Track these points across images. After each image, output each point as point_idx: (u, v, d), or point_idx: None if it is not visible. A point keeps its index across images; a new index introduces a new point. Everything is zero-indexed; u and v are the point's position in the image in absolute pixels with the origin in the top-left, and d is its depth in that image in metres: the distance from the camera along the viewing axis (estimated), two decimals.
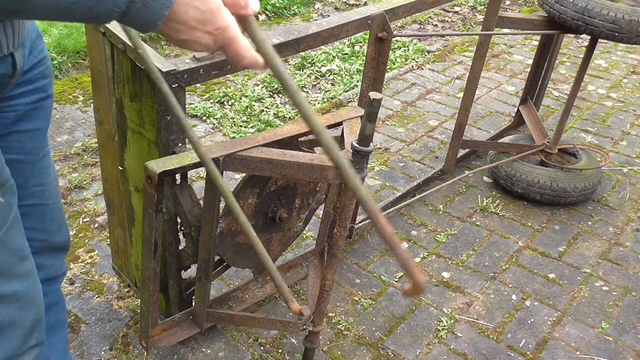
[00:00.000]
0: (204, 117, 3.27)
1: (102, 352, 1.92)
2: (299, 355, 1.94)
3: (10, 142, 1.21)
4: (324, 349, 1.98)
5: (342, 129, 1.72)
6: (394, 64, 4.04)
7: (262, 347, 1.97)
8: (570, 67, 4.19)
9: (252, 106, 3.39)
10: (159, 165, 1.40)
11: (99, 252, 2.31)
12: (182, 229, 1.71)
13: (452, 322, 2.12)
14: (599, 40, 2.53)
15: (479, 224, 2.62)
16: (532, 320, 2.16)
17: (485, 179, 2.92)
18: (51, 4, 0.69)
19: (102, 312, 2.06)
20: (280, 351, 1.97)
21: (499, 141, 3.09)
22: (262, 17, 4.72)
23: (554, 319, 2.17)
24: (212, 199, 1.52)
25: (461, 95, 2.74)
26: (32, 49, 1.17)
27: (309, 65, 3.97)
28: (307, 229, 2.45)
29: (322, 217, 1.98)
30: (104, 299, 2.11)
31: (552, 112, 3.58)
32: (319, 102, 3.53)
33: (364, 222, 2.45)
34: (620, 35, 2.29)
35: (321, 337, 2.00)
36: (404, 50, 4.24)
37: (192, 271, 1.89)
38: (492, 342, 2.06)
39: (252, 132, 3.15)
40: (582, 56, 2.67)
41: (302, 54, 4.01)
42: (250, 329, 2.03)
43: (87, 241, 2.36)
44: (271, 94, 3.59)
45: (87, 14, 0.71)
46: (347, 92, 3.63)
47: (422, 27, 4.83)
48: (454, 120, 3.06)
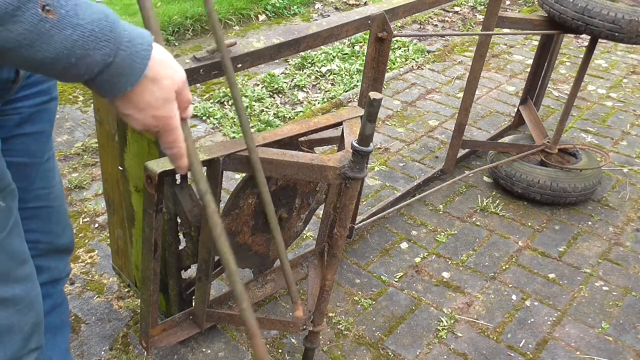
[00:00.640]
0: (204, 117, 3.27)
1: (102, 352, 1.92)
2: (299, 355, 1.94)
3: (14, 144, 1.21)
4: (324, 349, 1.98)
5: (342, 129, 1.72)
6: (394, 64, 4.04)
7: None
8: (570, 67, 4.19)
9: (252, 106, 3.39)
10: (159, 165, 1.40)
11: (99, 252, 2.31)
12: (182, 229, 1.71)
13: (452, 322, 2.12)
14: (599, 40, 2.53)
15: (479, 224, 2.62)
16: (532, 320, 2.16)
17: (485, 179, 2.92)
18: (27, 59, 0.72)
19: (102, 312, 2.06)
20: (280, 351, 1.97)
21: (499, 141, 3.09)
22: (262, 17, 4.72)
23: (554, 319, 2.17)
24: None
25: (461, 95, 2.74)
26: None
27: (309, 65, 3.97)
28: (307, 229, 2.45)
29: (322, 217, 1.98)
30: (104, 299, 2.11)
31: (552, 112, 3.58)
32: (319, 102, 3.53)
33: (364, 222, 2.45)
34: (620, 35, 2.29)
35: (321, 337, 2.00)
36: (404, 50, 4.24)
37: (192, 271, 1.89)
38: (492, 342, 2.06)
39: (252, 132, 3.15)
40: (582, 56, 2.67)
41: (302, 54, 4.01)
42: None
43: (87, 241, 2.36)
44: (271, 94, 3.59)
45: (59, 72, 0.75)
46: (347, 92, 3.63)
47: (422, 27, 4.83)
48: (454, 120, 3.06)
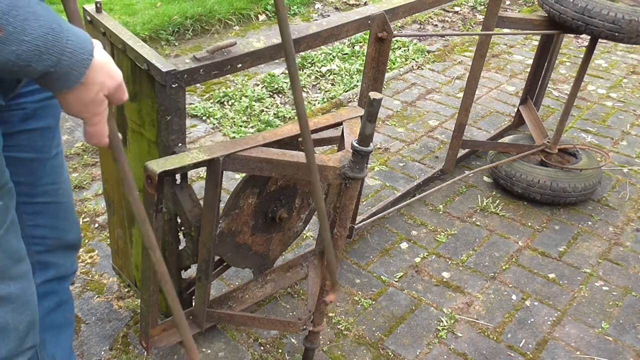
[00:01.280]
0: (204, 117, 3.27)
1: (102, 352, 1.92)
2: (299, 355, 1.94)
3: (20, 140, 1.22)
4: (324, 349, 1.98)
5: (342, 129, 1.72)
6: (394, 64, 4.04)
7: (262, 347, 1.97)
8: (570, 67, 4.19)
9: (252, 106, 3.39)
10: (159, 165, 1.40)
11: (99, 252, 2.31)
12: (182, 229, 1.71)
13: (452, 322, 2.12)
14: (599, 40, 2.53)
15: (479, 224, 2.62)
16: (532, 320, 2.16)
17: (485, 179, 2.92)
18: None
19: (102, 312, 2.06)
20: (280, 351, 1.97)
21: (499, 141, 3.09)
22: (262, 17, 4.72)
23: (554, 319, 2.17)
24: (212, 199, 1.52)
25: (461, 95, 2.74)
26: None
27: (309, 65, 3.97)
28: (307, 229, 2.45)
29: None
30: (104, 299, 2.11)
31: (552, 112, 3.58)
32: (319, 102, 3.53)
33: (364, 222, 2.45)
34: (620, 35, 2.29)
35: (321, 337, 2.00)
36: (404, 50, 4.24)
37: (192, 271, 1.89)
38: (492, 342, 2.06)
39: (252, 132, 3.15)
40: (582, 56, 2.67)
41: (302, 54, 4.01)
42: (250, 329, 2.03)
43: (87, 241, 2.36)
44: (271, 94, 3.59)
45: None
46: (347, 92, 3.63)
47: (422, 27, 4.83)
48: (454, 120, 3.06)
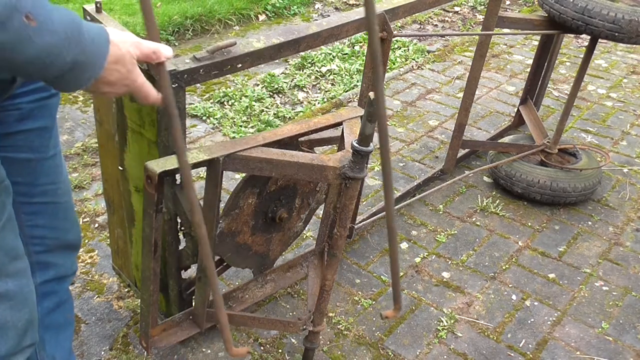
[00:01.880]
0: (204, 117, 3.27)
1: (102, 352, 1.92)
2: (299, 355, 1.94)
3: (17, 140, 1.22)
4: (324, 349, 1.98)
5: (342, 129, 1.72)
6: (394, 64, 4.04)
7: (262, 347, 1.97)
8: (570, 67, 4.19)
9: (252, 106, 3.39)
10: (159, 165, 1.40)
11: (99, 252, 2.31)
12: (182, 229, 1.71)
13: (452, 322, 2.12)
14: (599, 40, 2.53)
15: (479, 224, 2.62)
16: (532, 320, 2.16)
17: (485, 179, 2.92)
18: (9, 61, 0.83)
19: (102, 312, 2.06)
20: (280, 351, 1.97)
21: (499, 141, 3.09)
22: (262, 17, 4.72)
23: (554, 319, 2.17)
24: (212, 199, 1.52)
25: (461, 95, 2.74)
26: None
27: (309, 65, 3.97)
28: (307, 229, 2.45)
29: (322, 217, 1.98)
30: (104, 299, 2.11)
31: (552, 112, 3.58)
32: (319, 102, 3.53)
33: (364, 222, 2.45)
34: (620, 35, 2.29)
35: (321, 337, 2.00)
36: (404, 50, 4.24)
37: (192, 271, 1.89)
38: (492, 342, 2.06)
39: (252, 132, 3.15)
40: (582, 56, 2.67)
41: (302, 54, 4.01)
42: (250, 329, 2.03)
43: (87, 241, 2.36)
44: (271, 94, 3.59)
45: (34, 72, 0.86)
46: (347, 92, 3.63)
47: (422, 27, 4.83)
48: (454, 120, 3.06)
